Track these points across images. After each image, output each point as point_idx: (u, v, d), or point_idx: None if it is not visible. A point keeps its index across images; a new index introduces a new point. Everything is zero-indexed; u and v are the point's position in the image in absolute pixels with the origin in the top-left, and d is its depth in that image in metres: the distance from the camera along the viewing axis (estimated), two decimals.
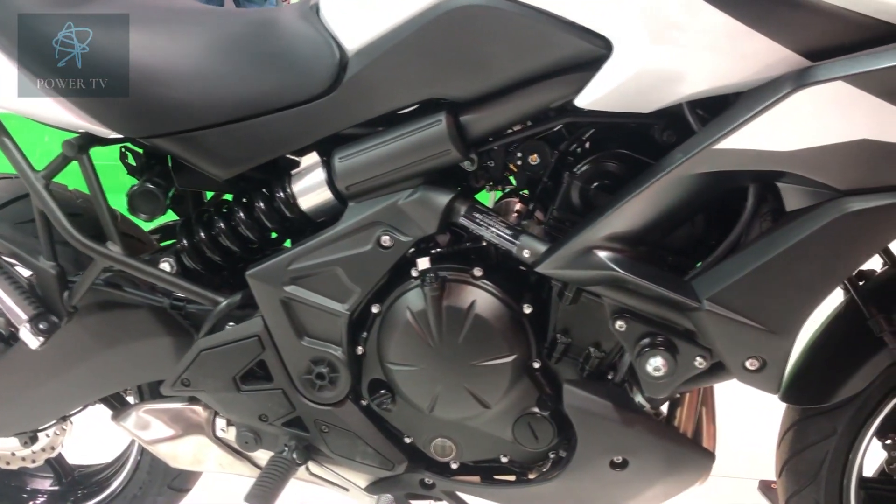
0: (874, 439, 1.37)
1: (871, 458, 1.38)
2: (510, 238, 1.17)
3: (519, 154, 1.21)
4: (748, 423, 2.05)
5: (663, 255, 1.16)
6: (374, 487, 1.37)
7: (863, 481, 1.40)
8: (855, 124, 0.94)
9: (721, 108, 1.02)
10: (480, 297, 1.20)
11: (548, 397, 1.25)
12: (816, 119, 0.94)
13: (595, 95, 1.04)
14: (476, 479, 1.39)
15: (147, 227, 1.47)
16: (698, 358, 1.14)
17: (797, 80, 0.93)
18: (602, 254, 1.09)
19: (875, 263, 1.36)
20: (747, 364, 1.10)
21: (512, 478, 1.38)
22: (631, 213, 1.06)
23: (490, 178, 1.26)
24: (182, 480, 1.65)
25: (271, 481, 1.26)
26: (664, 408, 1.32)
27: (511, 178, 1.28)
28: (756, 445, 1.78)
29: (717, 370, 1.15)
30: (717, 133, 0.98)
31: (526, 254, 1.15)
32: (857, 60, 0.92)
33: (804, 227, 1.00)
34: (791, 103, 0.94)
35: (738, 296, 1.05)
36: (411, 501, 1.40)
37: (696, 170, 1.01)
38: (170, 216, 1.42)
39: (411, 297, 1.22)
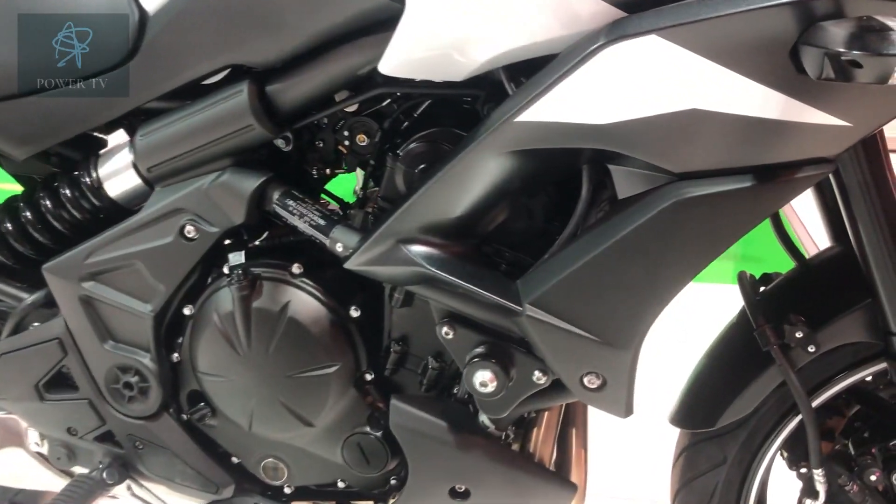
0: (791, 469, 1.20)
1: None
2: (323, 229, 1.01)
3: (346, 133, 1.06)
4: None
5: (500, 252, 0.99)
6: None
7: None
8: (681, 91, 0.77)
9: None
10: (297, 298, 1.04)
11: (381, 415, 1.09)
12: (633, 84, 0.77)
13: (395, 60, 0.88)
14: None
15: None
16: (537, 372, 0.97)
17: (607, 37, 0.76)
18: (412, 248, 0.93)
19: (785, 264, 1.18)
20: (585, 381, 0.93)
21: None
22: (434, 200, 0.90)
23: (323, 162, 1.11)
24: (28, 496, 1.50)
25: None
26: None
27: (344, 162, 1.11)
28: None
29: (562, 388, 0.98)
30: (518, 103, 0.81)
31: (339, 247, 0.99)
32: (672, 11, 0.75)
33: (633, 218, 0.83)
34: (598, 65, 0.77)
35: (561, 299, 0.88)
36: None
37: (500, 147, 0.84)
38: None
39: (221, 298, 1.06)
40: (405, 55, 0.87)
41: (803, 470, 1.18)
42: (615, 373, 0.91)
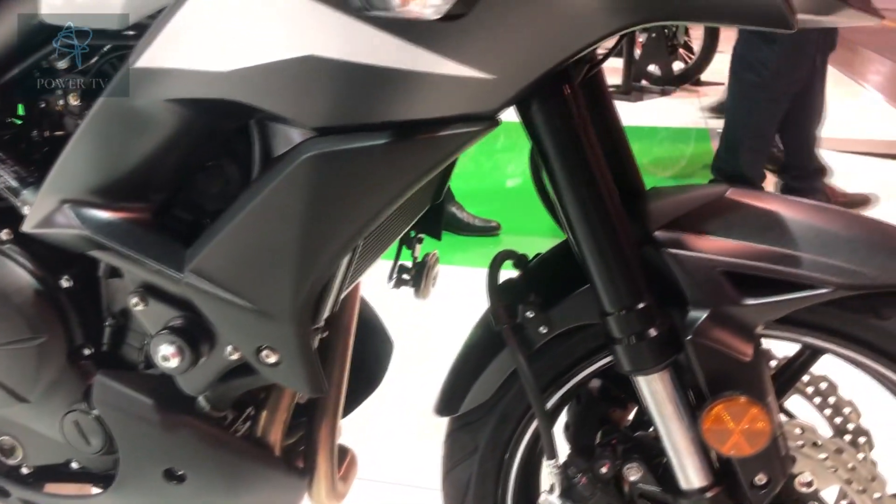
0: None
1: None
2: (15, 190, 0.95)
3: (60, 93, 1.00)
4: None
5: (199, 218, 0.93)
6: None
7: None
8: (295, 35, 0.70)
9: None
10: None
11: None
12: (244, 26, 0.71)
13: (51, 7, 0.82)
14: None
15: None
16: (229, 348, 0.91)
17: None
18: (78, 210, 0.87)
19: None
20: (262, 356, 0.87)
21: None
22: (80, 156, 0.84)
23: (55, 127, 1.05)
24: None
25: None
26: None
27: None
28: None
29: None
30: (136, 48, 0.75)
31: (26, 210, 0.93)
32: None
33: (272, 178, 0.77)
34: (202, 4, 0.70)
35: (216, 265, 0.83)
36: None
37: (129, 98, 0.78)
38: None
39: None
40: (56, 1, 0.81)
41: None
42: (286, 347, 0.85)
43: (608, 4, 0.70)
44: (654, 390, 0.91)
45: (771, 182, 3.43)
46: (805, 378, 1.07)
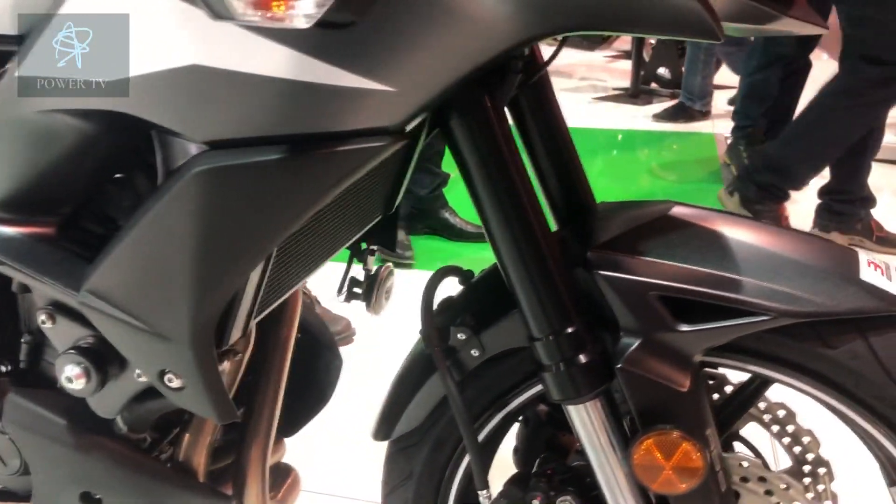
0: None
1: None
2: None
3: None
4: None
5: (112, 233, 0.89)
6: None
7: None
8: (177, 42, 0.66)
9: None
10: None
11: None
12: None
13: None
14: None
15: None
16: (138, 370, 0.86)
17: None
18: None
19: None
20: (166, 380, 0.82)
21: None
22: None
23: None
24: None
25: None
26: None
27: None
28: None
29: None
30: (20, 54, 0.71)
31: None
32: None
33: (162, 194, 0.73)
34: (80, 10, 0.66)
35: (111, 283, 0.78)
36: None
37: (15, 109, 0.74)
38: None
39: None
40: None
41: None
42: (188, 371, 0.80)
43: (515, 13, 0.65)
44: (585, 420, 0.86)
45: (806, 203, 3.29)
46: (762, 405, 1.01)
